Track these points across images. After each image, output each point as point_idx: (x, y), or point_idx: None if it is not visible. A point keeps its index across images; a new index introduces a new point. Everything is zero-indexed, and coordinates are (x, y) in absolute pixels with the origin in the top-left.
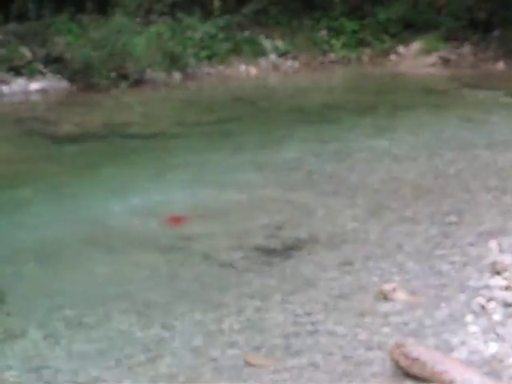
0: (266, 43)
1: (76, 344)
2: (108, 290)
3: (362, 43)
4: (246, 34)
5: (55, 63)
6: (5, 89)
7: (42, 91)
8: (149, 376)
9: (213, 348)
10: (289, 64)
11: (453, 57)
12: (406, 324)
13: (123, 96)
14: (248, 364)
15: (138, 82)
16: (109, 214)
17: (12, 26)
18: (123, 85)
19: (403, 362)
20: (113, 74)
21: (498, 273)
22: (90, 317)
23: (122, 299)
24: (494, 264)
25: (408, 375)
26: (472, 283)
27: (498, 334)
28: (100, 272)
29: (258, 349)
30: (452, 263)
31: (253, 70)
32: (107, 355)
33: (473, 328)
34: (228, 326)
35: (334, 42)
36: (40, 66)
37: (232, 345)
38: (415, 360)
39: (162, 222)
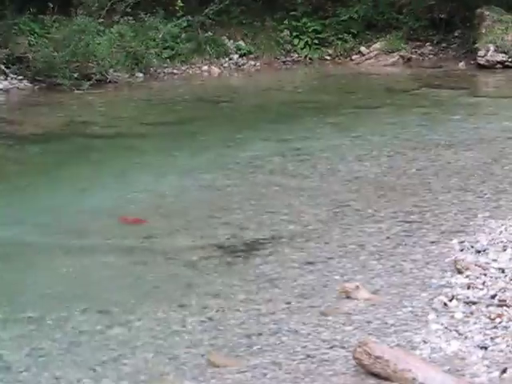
0: (229, 43)
1: (38, 344)
2: (70, 290)
3: (324, 43)
4: (209, 34)
5: (17, 63)
6: None
7: (4, 91)
8: (111, 376)
9: (176, 348)
10: (251, 64)
11: (414, 56)
12: (368, 322)
13: (86, 96)
14: (211, 364)
15: (101, 82)
16: (70, 213)
17: None
18: (86, 85)
19: (366, 361)
20: (75, 74)
21: (460, 271)
22: (51, 317)
23: (84, 299)
24: (455, 262)
25: (371, 374)
26: (434, 282)
27: (459, 332)
28: (62, 272)
29: (220, 348)
30: (414, 262)
31: (215, 70)
32: (69, 355)
33: (435, 326)
34: (191, 326)
35: (296, 41)
36: (2, 67)
37: (195, 344)
38: (378, 358)
39: (118, 220)
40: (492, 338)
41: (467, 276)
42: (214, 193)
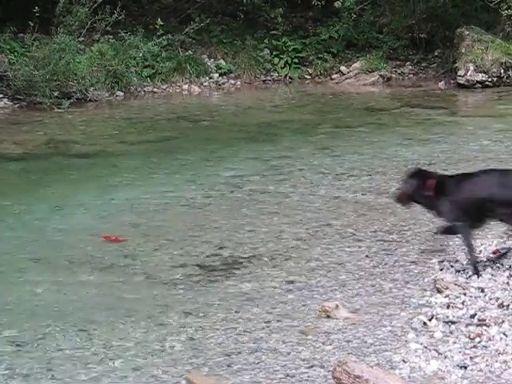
0: (209, 62)
1: (16, 364)
2: (49, 309)
3: (304, 62)
4: (189, 53)
5: None
6: None
7: None
8: None
9: (155, 367)
10: (231, 83)
11: (394, 76)
12: (348, 342)
13: (66, 115)
14: (190, 383)
15: (81, 101)
16: (50, 232)
17: None
18: (66, 103)
19: (345, 380)
20: (56, 93)
21: (440, 291)
22: (30, 336)
23: (63, 318)
24: (435, 282)
25: None
26: (414, 301)
27: (439, 352)
28: (41, 291)
29: (200, 367)
30: (394, 281)
31: (195, 89)
32: (48, 375)
33: (414, 345)
34: (170, 345)
35: (276, 60)
36: None
37: (174, 363)
38: (357, 378)
39: (101, 239)
40: (471, 358)
41: (447, 295)
42: (193, 211)
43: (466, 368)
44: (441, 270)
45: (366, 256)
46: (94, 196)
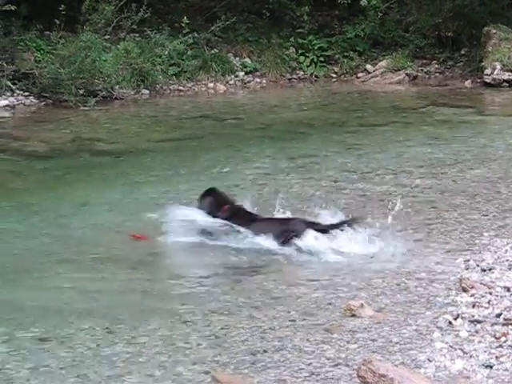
0: (235, 60)
1: (42, 361)
2: (75, 306)
3: (330, 61)
4: (215, 51)
5: (24, 80)
6: None
7: (11, 108)
8: None
9: (180, 364)
10: (257, 81)
11: (420, 74)
12: (373, 341)
13: (92, 113)
14: (215, 380)
15: (107, 99)
16: (77, 230)
17: None
18: (92, 101)
19: (370, 379)
20: (81, 91)
21: (465, 290)
22: (56, 333)
23: (89, 316)
24: (461, 281)
25: None
26: (439, 300)
27: (464, 351)
28: (67, 288)
29: (225, 365)
30: (419, 280)
31: (221, 87)
32: (74, 372)
33: (440, 345)
34: (195, 343)
35: (302, 59)
36: (8, 83)
37: (199, 361)
38: (382, 377)
39: (128, 236)
40: (497, 357)
41: (472, 295)
42: None
43: (491, 367)
44: (466, 269)
45: (392, 255)
46: (119, 194)
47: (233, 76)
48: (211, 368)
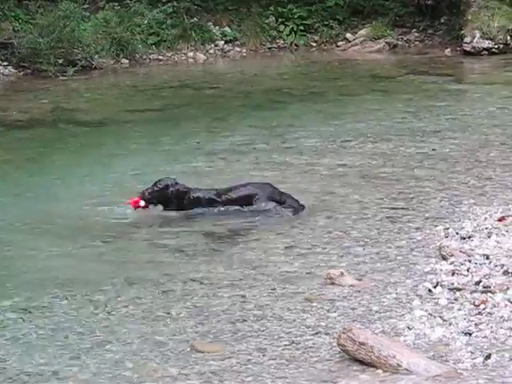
0: (214, 29)
1: (22, 330)
2: (55, 276)
3: (309, 30)
4: (194, 20)
5: (2, 49)
6: None
7: None
8: (96, 362)
9: (160, 334)
10: (237, 50)
11: (400, 43)
12: (353, 309)
13: (71, 82)
14: (195, 350)
15: (86, 69)
16: (56, 200)
17: None
18: (71, 71)
19: (350, 347)
20: (60, 61)
21: (445, 258)
22: (36, 303)
23: (69, 286)
24: (440, 249)
25: (355, 360)
26: (419, 268)
27: (444, 319)
28: (46, 259)
29: (205, 334)
30: (399, 248)
31: (201, 57)
32: (54, 341)
33: (419, 312)
34: (175, 312)
35: (282, 28)
36: None
37: (179, 331)
38: (362, 345)
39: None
40: (476, 324)
41: (452, 262)
42: (199, 179)
43: (470, 335)
44: (446, 236)
45: (372, 224)
46: (98, 164)
47: (212, 45)
48: (191, 337)
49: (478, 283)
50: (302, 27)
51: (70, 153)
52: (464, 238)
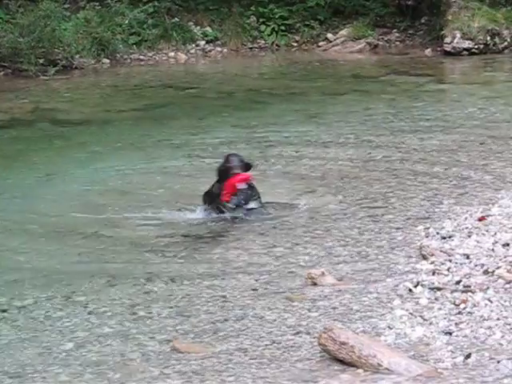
0: (195, 29)
1: (2, 331)
2: (35, 277)
3: (290, 30)
4: (176, 20)
5: None
6: None
7: None
8: (77, 363)
9: (141, 334)
10: (218, 50)
11: (381, 43)
12: (334, 308)
13: (52, 82)
14: (176, 350)
15: (67, 68)
16: (37, 200)
17: None
18: (51, 71)
19: (331, 347)
20: (41, 60)
21: (425, 257)
22: (16, 303)
23: (50, 286)
24: (421, 248)
25: (336, 359)
26: (399, 268)
27: (424, 318)
28: (27, 259)
29: (186, 334)
30: (379, 248)
31: (182, 57)
32: (35, 342)
33: (400, 312)
34: (156, 312)
35: (263, 28)
36: None
37: (160, 331)
38: (343, 344)
39: None
40: (456, 324)
41: (432, 262)
42: (180, 179)
43: (450, 334)
44: (426, 236)
45: (353, 223)
46: (80, 164)
47: (194, 45)
48: (172, 337)
49: (458, 283)
50: (283, 27)
51: (51, 152)
52: (444, 238)
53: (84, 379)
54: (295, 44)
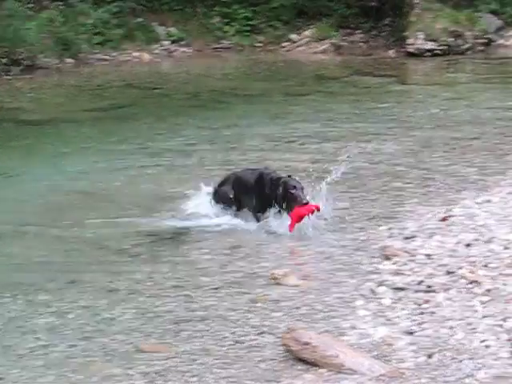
0: (160, 30)
1: None
2: None
3: (254, 30)
4: (140, 20)
5: None
6: None
7: None
8: (39, 364)
9: (104, 335)
10: (182, 50)
11: (345, 44)
12: (297, 309)
13: (15, 82)
14: (140, 350)
15: (30, 68)
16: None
17: None
18: (15, 70)
19: (294, 347)
20: (4, 60)
21: (388, 258)
22: None
23: (12, 287)
24: (383, 249)
25: (299, 360)
26: (362, 268)
27: (387, 318)
28: None
29: (149, 335)
30: (343, 248)
31: (146, 57)
32: None
33: (363, 312)
34: (120, 313)
35: (227, 28)
36: None
37: (123, 331)
38: (306, 344)
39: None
40: (419, 324)
41: (395, 262)
42: (144, 179)
43: (413, 334)
44: (389, 236)
45: (316, 223)
46: (43, 165)
47: (158, 45)
48: (135, 338)
49: (420, 283)
50: (247, 28)
51: (14, 153)
52: (407, 238)
53: (46, 380)
54: (259, 44)
